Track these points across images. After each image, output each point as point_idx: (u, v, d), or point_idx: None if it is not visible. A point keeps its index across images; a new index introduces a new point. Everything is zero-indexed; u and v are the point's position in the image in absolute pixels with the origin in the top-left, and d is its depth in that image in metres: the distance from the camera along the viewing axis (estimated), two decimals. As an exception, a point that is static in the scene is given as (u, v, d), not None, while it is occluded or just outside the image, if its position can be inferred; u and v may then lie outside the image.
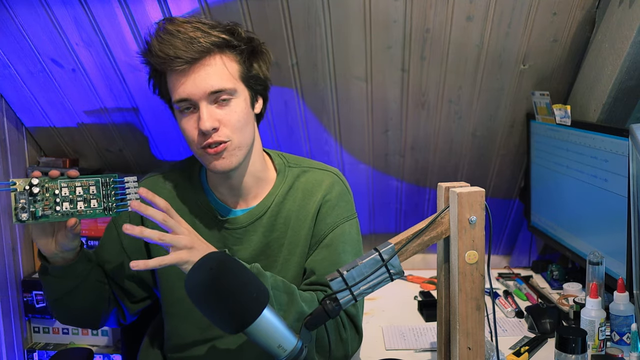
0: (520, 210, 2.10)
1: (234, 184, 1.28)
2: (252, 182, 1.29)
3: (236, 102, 1.19)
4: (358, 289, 1.01)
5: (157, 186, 1.33)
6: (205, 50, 1.15)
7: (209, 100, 1.17)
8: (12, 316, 1.88)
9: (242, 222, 1.28)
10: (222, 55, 1.18)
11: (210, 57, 1.17)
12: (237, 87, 1.20)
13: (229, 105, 1.18)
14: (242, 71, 1.21)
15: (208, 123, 1.15)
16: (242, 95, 1.21)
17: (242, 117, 1.20)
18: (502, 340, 1.47)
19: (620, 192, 1.46)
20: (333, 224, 1.29)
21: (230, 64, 1.19)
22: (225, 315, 0.95)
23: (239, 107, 1.19)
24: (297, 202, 1.30)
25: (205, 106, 1.16)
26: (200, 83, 1.16)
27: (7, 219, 1.85)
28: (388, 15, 1.60)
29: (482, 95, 1.80)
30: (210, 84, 1.16)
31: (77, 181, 1.11)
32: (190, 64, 1.15)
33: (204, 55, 1.16)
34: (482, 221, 1.04)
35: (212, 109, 1.17)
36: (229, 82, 1.18)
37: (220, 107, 1.18)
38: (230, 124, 1.18)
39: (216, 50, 1.17)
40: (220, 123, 1.17)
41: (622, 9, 1.48)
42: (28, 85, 1.78)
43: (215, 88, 1.16)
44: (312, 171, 1.34)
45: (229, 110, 1.18)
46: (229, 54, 1.19)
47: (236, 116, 1.19)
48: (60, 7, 1.55)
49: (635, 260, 1.31)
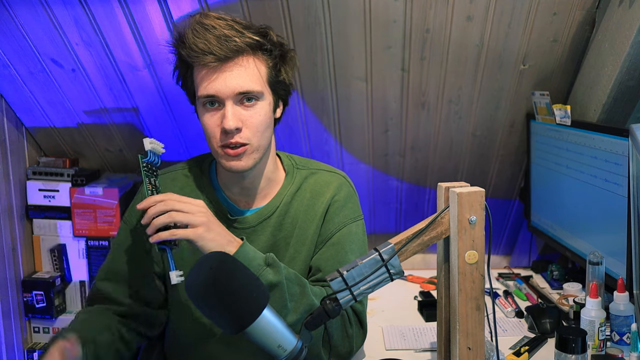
0: (520, 210, 2.10)
1: (246, 185, 1.28)
2: (264, 183, 1.30)
3: (261, 105, 1.20)
4: (358, 289, 1.02)
5: (166, 185, 1.33)
6: (238, 50, 1.16)
7: (235, 100, 1.18)
8: (12, 316, 1.88)
9: (251, 222, 1.29)
10: (254, 57, 1.19)
11: (242, 57, 1.17)
12: (264, 91, 1.21)
13: (254, 108, 1.19)
14: (270, 75, 1.22)
15: (232, 122, 1.16)
16: (267, 99, 1.22)
17: (265, 120, 1.21)
18: (502, 340, 1.47)
19: (620, 192, 1.46)
20: (340, 224, 1.31)
21: (260, 66, 1.20)
22: (225, 315, 0.95)
23: (263, 110, 1.20)
24: (305, 202, 1.31)
25: (231, 105, 1.17)
26: (230, 82, 1.16)
27: (7, 219, 1.85)
28: (388, 15, 1.60)
29: (482, 95, 1.80)
30: (240, 84, 1.16)
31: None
32: (222, 61, 1.16)
33: (237, 55, 1.17)
34: (482, 221, 1.04)
35: (238, 109, 1.18)
36: (257, 84, 1.19)
37: (245, 108, 1.19)
38: (252, 126, 1.19)
39: (249, 51, 1.18)
40: (244, 124, 1.18)
41: (622, 9, 1.48)
42: (28, 85, 1.78)
43: (244, 89, 1.17)
44: (320, 173, 1.35)
45: (254, 113, 1.19)
46: (261, 57, 1.20)
47: (260, 119, 1.20)
48: (60, 7, 1.55)
49: (635, 260, 1.31)
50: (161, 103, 1.83)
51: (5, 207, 1.84)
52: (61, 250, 1.96)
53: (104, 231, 1.91)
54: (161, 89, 1.78)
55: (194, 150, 1.95)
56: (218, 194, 1.31)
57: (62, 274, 1.96)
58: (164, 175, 1.35)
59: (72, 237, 1.94)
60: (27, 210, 1.94)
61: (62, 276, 1.96)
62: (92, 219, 1.91)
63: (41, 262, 1.97)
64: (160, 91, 1.79)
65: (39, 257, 1.97)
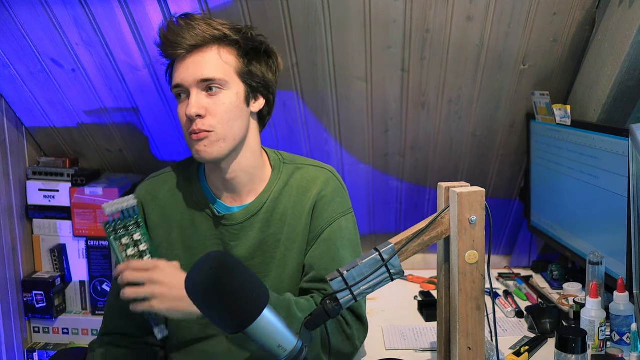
0: (520, 210, 2.10)
1: (226, 179, 1.29)
2: (247, 178, 1.30)
3: (226, 94, 1.22)
4: (358, 288, 1.01)
5: (157, 187, 1.36)
6: (203, 39, 1.20)
7: (199, 87, 1.20)
8: (12, 316, 1.88)
9: (238, 219, 1.29)
10: (220, 47, 1.22)
11: (208, 47, 1.21)
12: (230, 80, 1.22)
13: (218, 96, 1.21)
14: (238, 66, 1.23)
15: (194, 109, 1.19)
16: (234, 89, 1.23)
17: (231, 109, 1.22)
18: (502, 340, 1.47)
19: (620, 192, 1.46)
20: (330, 219, 1.30)
21: (226, 56, 1.22)
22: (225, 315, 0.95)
23: (228, 99, 1.22)
24: (292, 198, 1.31)
25: (195, 93, 1.20)
26: (193, 70, 1.20)
27: (6, 219, 1.85)
28: (388, 15, 1.60)
29: (482, 95, 1.80)
30: (201, 71, 1.20)
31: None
32: (188, 51, 1.20)
33: (202, 45, 1.20)
34: (482, 221, 1.04)
35: (202, 97, 1.21)
36: (220, 72, 1.21)
37: (209, 96, 1.21)
38: (217, 114, 1.20)
39: (214, 42, 1.21)
40: (207, 112, 1.20)
41: (622, 9, 1.48)
42: (28, 85, 1.78)
43: (205, 76, 1.20)
44: (306, 168, 1.34)
45: (217, 101, 1.21)
46: (227, 47, 1.23)
47: (224, 107, 1.21)
48: (60, 7, 1.55)
49: (635, 260, 1.31)
50: (161, 103, 1.83)
51: (5, 207, 1.84)
52: (61, 250, 1.96)
53: (104, 231, 1.91)
54: (161, 89, 1.78)
55: (194, 150, 1.95)
56: (206, 192, 1.32)
57: (62, 274, 1.96)
58: (155, 178, 1.38)
59: (72, 237, 1.94)
60: (27, 210, 1.94)
61: (62, 276, 1.96)
62: (92, 219, 1.91)
63: (41, 262, 1.97)
64: (160, 91, 1.79)
65: (39, 257, 1.97)
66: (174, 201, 1.33)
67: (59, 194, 1.92)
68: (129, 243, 1.18)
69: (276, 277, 1.30)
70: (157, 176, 1.38)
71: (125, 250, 1.18)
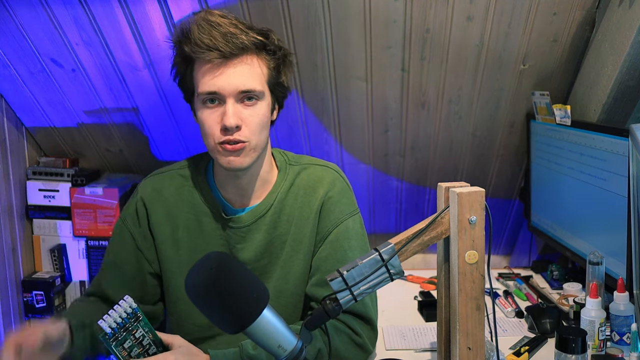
0: (520, 210, 2.10)
1: (241, 184, 1.29)
2: (259, 183, 1.30)
3: (261, 105, 1.21)
4: (358, 288, 1.01)
5: (163, 184, 1.34)
6: (244, 48, 1.17)
7: (237, 98, 1.18)
8: (12, 316, 1.88)
9: (245, 221, 1.29)
10: (258, 57, 1.20)
11: (247, 55, 1.18)
12: (265, 91, 1.22)
13: (255, 107, 1.20)
14: (270, 76, 1.23)
15: (233, 120, 1.17)
16: (266, 100, 1.23)
17: (263, 120, 1.22)
18: (502, 340, 1.47)
19: (620, 192, 1.46)
20: (337, 221, 1.30)
21: (262, 67, 1.21)
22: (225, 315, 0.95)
23: (262, 110, 1.21)
24: (299, 199, 1.31)
25: (232, 103, 1.18)
26: (233, 80, 1.17)
27: (6, 219, 1.85)
28: (388, 15, 1.60)
29: (482, 95, 1.80)
30: (243, 82, 1.17)
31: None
32: (226, 58, 1.16)
33: (242, 53, 1.18)
34: (482, 221, 1.04)
35: (239, 107, 1.19)
36: (259, 84, 1.20)
37: (245, 107, 1.19)
38: (252, 125, 1.20)
39: (253, 50, 1.19)
40: (243, 123, 1.19)
41: (622, 9, 1.48)
42: (28, 85, 1.78)
43: (247, 87, 1.18)
44: (312, 167, 1.34)
45: (254, 112, 1.20)
46: (264, 57, 1.21)
47: (259, 119, 1.20)
48: (60, 7, 1.55)
49: (635, 260, 1.31)
50: (161, 103, 1.83)
51: (5, 207, 1.84)
52: (61, 250, 1.96)
53: (104, 231, 1.91)
54: (161, 89, 1.78)
55: (194, 150, 1.95)
56: (214, 193, 1.32)
57: (62, 274, 1.96)
58: (161, 174, 1.36)
59: (72, 237, 1.94)
60: (27, 210, 1.94)
61: (62, 276, 1.96)
62: (92, 219, 1.91)
63: (41, 262, 1.97)
64: (160, 91, 1.79)
65: (39, 257, 1.97)
66: (180, 200, 1.32)
67: (59, 194, 1.92)
68: (132, 345, 1.10)
69: (280, 277, 1.30)
70: (163, 173, 1.36)
71: (129, 353, 1.09)
